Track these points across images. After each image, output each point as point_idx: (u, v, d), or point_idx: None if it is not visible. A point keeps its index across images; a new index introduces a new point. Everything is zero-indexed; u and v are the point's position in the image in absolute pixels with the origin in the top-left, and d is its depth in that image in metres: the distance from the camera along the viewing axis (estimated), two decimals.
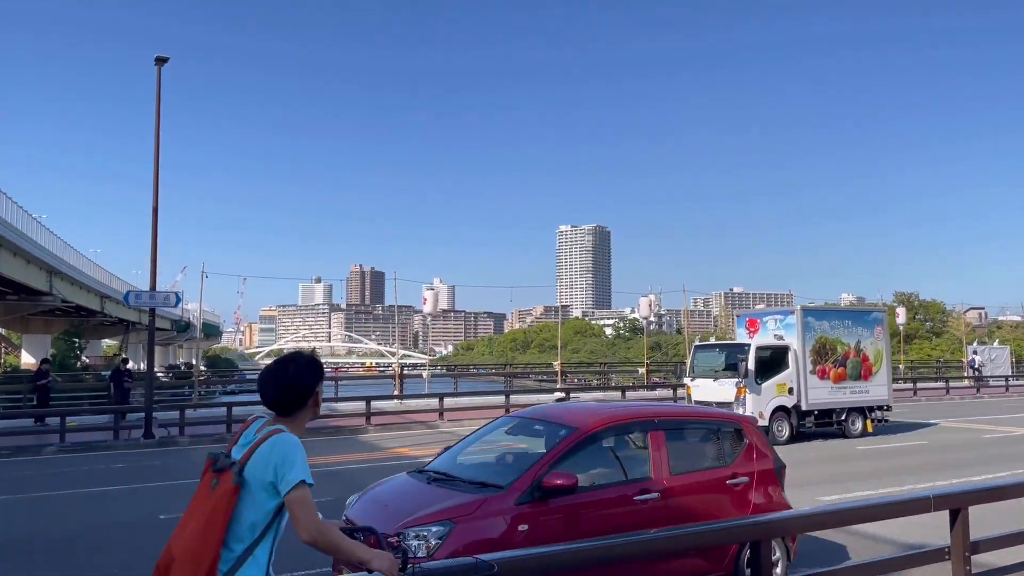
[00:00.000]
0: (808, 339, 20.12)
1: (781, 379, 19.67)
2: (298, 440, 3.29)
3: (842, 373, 20.52)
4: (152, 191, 21.55)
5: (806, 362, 19.93)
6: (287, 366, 3.48)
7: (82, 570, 8.43)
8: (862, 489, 12.77)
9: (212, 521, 3.15)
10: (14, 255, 37.79)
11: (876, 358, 21.23)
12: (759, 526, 6.02)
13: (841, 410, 20.46)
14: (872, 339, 21.26)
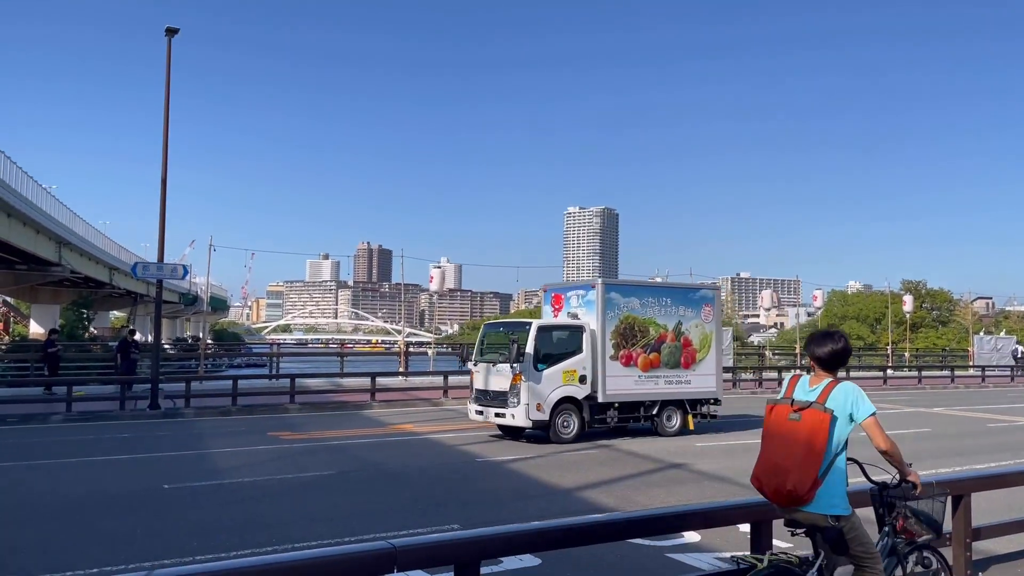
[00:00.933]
0: (610, 318, 16.77)
1: (570, 365, 16.36)
2: (856, 385, 4.79)
3: (654, 360, 17.14)
4: (161, 163, 21.56)
5: (606, 346, 16.59)
6: (838, 338, 4.85)
7: (88, 535, 8.51)
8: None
9: (815, 438, 4.55)
10: (24, 225, 37.89)
11: (702, 343, 17.82)
12: (761, 508, 6.02)
13: (652, 403, 17.19)
14: (698, 321, 17.83)
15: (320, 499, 10.59)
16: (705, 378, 17.90)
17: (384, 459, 13.85)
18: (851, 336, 70.79)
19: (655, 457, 14.09)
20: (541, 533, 5.43)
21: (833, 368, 4.89)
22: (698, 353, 17.78)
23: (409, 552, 4.50)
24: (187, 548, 8.02)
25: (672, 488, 11.43)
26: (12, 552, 7.84)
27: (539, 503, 10.27)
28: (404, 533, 8.49)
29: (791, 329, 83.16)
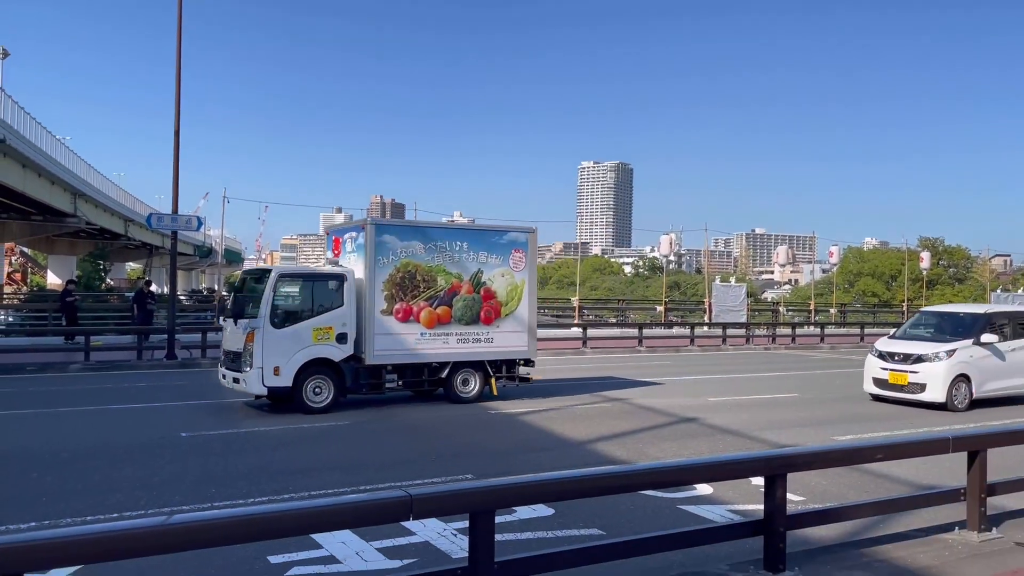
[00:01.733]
0: (383, 266, 14.16)
1: (324, 321, 13.76)
2: None
3: (444, 314, 14.62)
4: (174, 112, 21.46)
5: (376, 298, 14.04)
6: None
7: (107, 482, 8.64)
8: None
9: None
10: (39, 176, 37.93)
11: (510, 296, 15.27)
12: (776, 460, 6.03)
13: (441, 364, 14.73)
14: (505, 269, 15.23)
15: (335, 448, 10.71)
16: (513, 336, 15.38)
17: (399, 410, 13.96)
18: (866, 293, 70.79)
19: (664, 410, 14.13)
20: (555, 484, 5.47)
21: None
22: (504, 307, 15.20)
23: (424, 501, 4.54)
24: (205, 495, 8.14)
25: (685, 441, 11.48)
26: (34, 498, 7.98)
27: (552, 454, 10.35)
28: (418, 483, 8.58)
29: (806, 286, 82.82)
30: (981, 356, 15.10)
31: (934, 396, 14.66)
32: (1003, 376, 15.44)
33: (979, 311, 16.46)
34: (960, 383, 14.76)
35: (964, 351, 14.96)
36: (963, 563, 5.99)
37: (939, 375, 14.66)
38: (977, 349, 15.10)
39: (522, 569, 5.07)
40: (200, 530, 4.11)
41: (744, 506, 7.94)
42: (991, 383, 15.23)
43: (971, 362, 14.92)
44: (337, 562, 6.18)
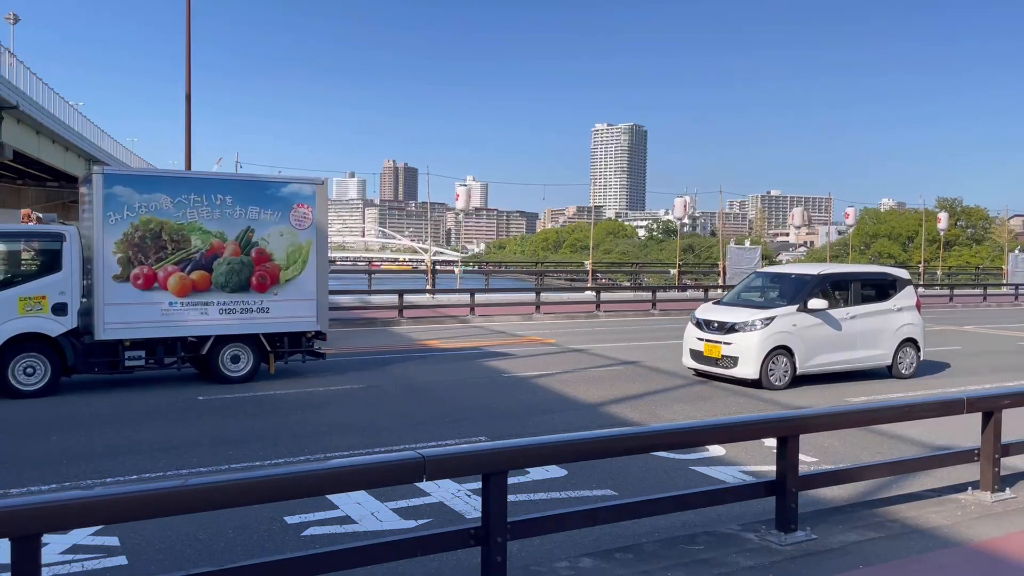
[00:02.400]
0: (114, 223, 12.04)
1: (33, 290, 11.74)
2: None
3: (201, 280, 12.58)
4: (185, 78, 21.40)
5: (106, 262, 12.02)
6: None
7: (126, 445, 8.77)
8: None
9: None
10: (53, 142, 38.03)
11: (292, 258, 13.19)
12: (788, 422, 6.04)
13: (199, 339, 12.70)
14: (285, 228, 13.10)
15: (351, 411, 10.80)
16: (296, 304, 13.24)
17: (412, 373, 14.05)
18: (882, 255, 70.33)
19: (677, 373, 14.15)
20: (567, 445, 5.51)
21: None
22: (283, 271, 13.11)
23: (438, 462, 4.59)
24: (222, 457, 8.25)
25: (697, 403, 11.51)
26: (55, 460, 8.12)
27: (564, 416, 10.41)
28: (432, 444, 8.66)
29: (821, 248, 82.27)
30: (808, 325, 12.86)
31: (746, 371, 12.50)
32: (837, 348, 13.18)
33: (810, 272, 13.97)
34: (779, 356, 12.55)
35: (785, 319, 12.73)
36: (976, 523, 6.01)
37: (751, 347, 12.46)
38: (803, 317, 12.86)
39: (535, 529, 5.13)
40: (218, 492, 4.18)
41: (756, 467, 7.98)
42: (821, 356, 13.01)
43: (794, 332, 12.70)
44: (352, 522, 6.27)
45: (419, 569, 5.31)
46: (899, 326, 13.79)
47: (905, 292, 14.09)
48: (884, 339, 13.65)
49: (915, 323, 14.05)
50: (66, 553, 5.56)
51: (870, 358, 13.58)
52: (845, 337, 13.26)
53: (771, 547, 5.47)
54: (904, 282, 14.26)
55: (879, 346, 13.61)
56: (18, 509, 3.77)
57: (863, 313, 13.52)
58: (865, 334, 13.48)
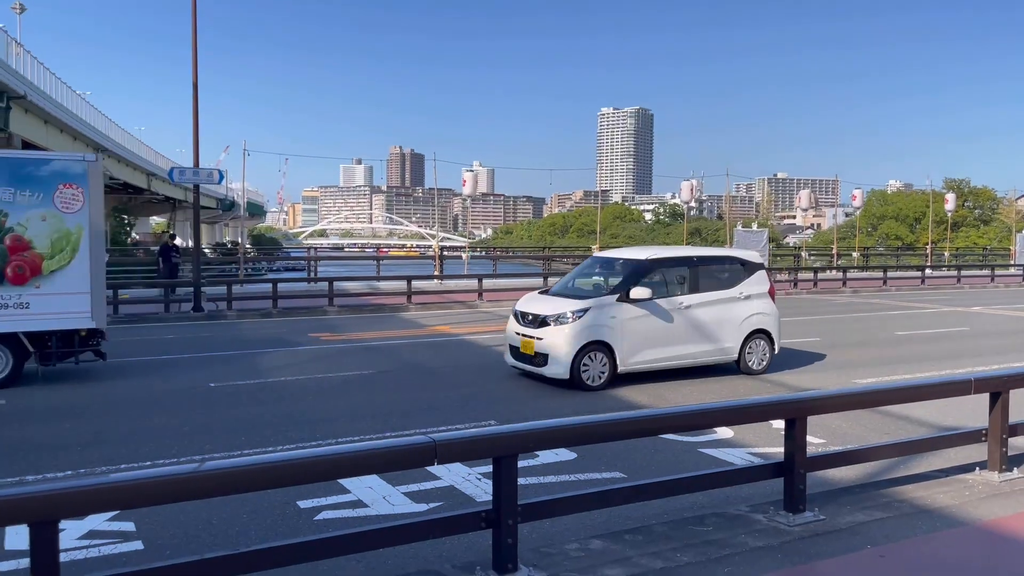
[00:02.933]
0: None
1: None
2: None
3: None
4: (192, 66, 21.37)
5: None
6: None
7: (139, 430, 8.85)
8: None
9: None
10: (60, 131, 38.10)
11: (58, 245, 11.56)
12: (796, 403, 6.07)
13: None
14: (48, 211, 11.47)
15: (361, 396, 10.87)
16: (65, 299, 11.61)
17: (421, 359, 14.11)
18: (889, 236, 70.04)
19: None
20: (577, 428, 5.55)
21: None
22: (47, 261, 11.48)
23: (449, 446, 4.64)
24: (235, 443, 8.33)
25: (705, 386, 11.54)
26: (69, 447, 8.20)
27: (573, 400, 10.45)
28: (443, 428, 8.72)
29: (828, 230, 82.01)
30: (632, 317, 11.33)
31: (555, 370, 11.05)
32: (669, 342, 11.68)
33: (637, 257, 12.37)
34: (595, 353, 11.09)
35: (602, 311, 11.23)
36: (983, 503, 6.04)
37: (561, 343, 11.01)
38: (625, 308, 11.31)
39: (545, 512, 5.18)
40: (231, 477, 4.24)
41: (765, 449, 8.02)
42: (649, 351, 11.53)
43: (613, 325, 11.21)
44: (364, 506, 6.34)
45: (431, 552, 5.37)
46: (747, 316, 12.31)
47: (755, 278, 12.58)
48: (728, 331, 12.15)
49: (767, 312, 12.58)
50: (83, 539, 5.64)
51: (712, 352, 12.12)
52: (679, 329, 11.76)
53: (780, 528, 5.51)
54: (754, 267, 12.72)
55: (723, 339, 12.12)
56: (35, 495, 3.84)
57: (702, 302, 11.99)
58: (705, 325, 11.98)
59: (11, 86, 28.82)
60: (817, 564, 4.98)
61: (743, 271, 12.58)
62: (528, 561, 4.84)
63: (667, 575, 4.79)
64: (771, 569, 4.88)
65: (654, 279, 11.87)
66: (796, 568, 4.92)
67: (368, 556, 5.19)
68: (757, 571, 4.85)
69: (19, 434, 8.73)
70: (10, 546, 5.46)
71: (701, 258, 12.64)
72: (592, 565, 4.87)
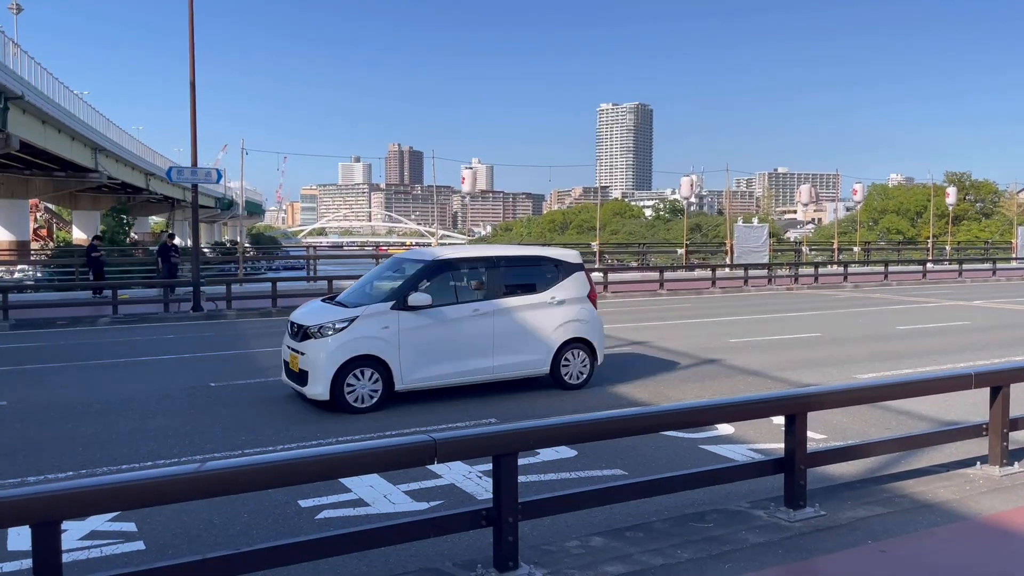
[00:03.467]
0: None
1: None
2: None
3: None
4: (189, 64, 21.36)
5: None
6: None
7: (140, 430, 8.85)
8: None
9: None
10: (59, 132, 38.09)
11: None
12: (797, 399, 6.07)
13: None
14: None
15: None
16: None
17: None
18: (891, 231, 70.00)
19: (685, 352, 14.19)
20: (577, 426, 5.55)
21: None
22: None
23: (449, 444, 4.64)
24: (235, 442, 8.33)
25: (705, 383, 11.54)
26: (70, 447, 8.21)
27: (573, 397, 10.46)
28: (443, 427, 8.73)
29: (829, 224, 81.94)
30: (412, 327, 9.91)
31: (315, 390, 9.63)
32: (461, 354, 10.25)
33: (422, 257, 11.03)
34: (363, 370, 9.69)
35: (372, 320, 9.81)
36: (984, 497, 6.05)
37: (320, 359, 9.61)
38: (404, 317, 9.90)
39: (546, 509, 5.18)
40: (232, 477, 4.24)
41: (765, 445, 8.02)
42: (435, 366, 10.11)
43: (386, 337, 9.77)
44: (365, 505, 6.34)
45: (432, 550, 5.38)
46: (561, 323, 10.89)
47: (572, 281, 11.17)
48: (538, 340, 10.76)
49: (585, 319, 11.12)
50: (84, 539, 5.64)
51: (517, 365, 10.69)
52: (475, 340, 10.36)
53: (780, 524, 5.51)
54: (571, 267, 11.30)
55: (530, 349, 10.74)
56: (37, 496, 3.84)
57: (503, 309, 10.58)
58: (507, 335, 10.58)
59: (8, 87, 28.81)
60: (818, 560, 4.99)
61: (557, 273, 11.16)
62: (529, 559, 4.85)
63: (668, 572, 4.79)
64: (772, 565, 4.89)
65: (443, 283, 10.47)
66: (797, 564, 4.92)
67: (369, 555, 5.20)
68: (758, 567, 4.85)
69: (21, 435, 8.74)
70: (13, 547, 5.47)
71: (503, 258, 11.17)
72: (593, 562, 4.88)
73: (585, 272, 11.54)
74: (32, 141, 34.38)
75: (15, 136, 31.36)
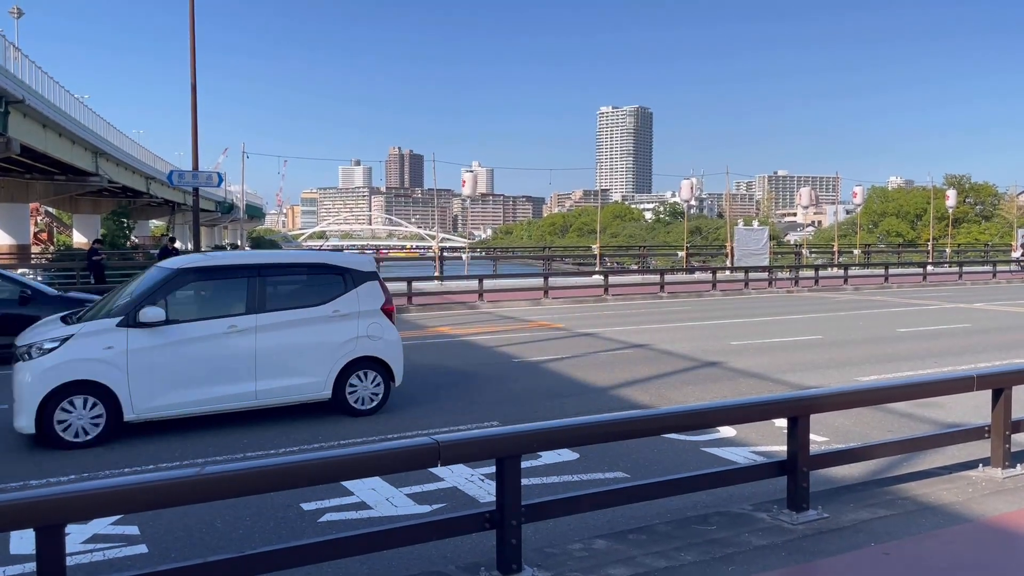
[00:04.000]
0: None
1: None
2: None
3: None
4: (190, 69, 21.40)
5: None
6: None
7: (142, 433, 8.84)
8: None
9: None
10: (59, 135, 38.09)
11: None
12: (799, 402, 6.07)
13: None
14: None
15: None
16: None
17: (422, 360, 14.10)
18: (891, 233, 70.03)
19: (687, 355, 14.19)
20: (579, 428, 5.55)
21: None
22: None
23: (452, 447, 4.65)
24: (238, 445, 8.33)
25: (707, 385, 11.54)
26: (70, 450, 8.19)
27: (576, 400, 10.46)
28: (445, 430, 8.73)
29: (829, 227, 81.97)
30: (146, 347, 8.49)
31: (20, 423, 8.18)
32: (210, 379, 8.79)
33: (170, 265, 9.31)
34: (81, 398, 8.23)
35: (93, 340, 8.40)
36: (987, 499, 6.04)
37: (25, 386, 8.19)
38: (133, 335, 8.46)
39: (549, 512, 5.18)
40: (234, 480, 4.24)
41: (767, 447, 8.02)
42: (177, 393, 8.66)
43: (113, 359, 8.36)
44: (368, 508, 6.34)
45: (435, 553, 5.38)
46: (346, 340, 9.48)
47: (362, 292, 9.72)
48: (314, 360, 9.34)
49: (378, 335, 9.72)
50: (87, 543, 5.64)
51: (287, 389, 9.22)
52: (229, 361, 8.91)
53: (783, 526, 5.51)
54: (361, 276, 9.81)
55: (304, 371, 9.30)
56: (41, 499, 3.84)
57: (266, 325, 9.08)
58: (273, 355, 9.12)
59: (9, 90, 28.81)
60: (821, 562, 4.98)
61: (343, 282, 9.65)
62: (532, 561, 4.85)
63: (671, 574, 4.79)
64: (775, 567, 4.89)
65: (189, 295, 9.26)
66: (800, 566, 4.92)
67: (372, 558, 5.19)
68: (761, 569, 4.85)
69: (20, 438, 8.73)
70: (15, 550, 5.47)
71: (271, 266, 9.70)
72: (596, 565, 4.88)
73: (379, 281, 10.01)
74: (33, 145, 34.38)
75: (16, 140, 31.36)
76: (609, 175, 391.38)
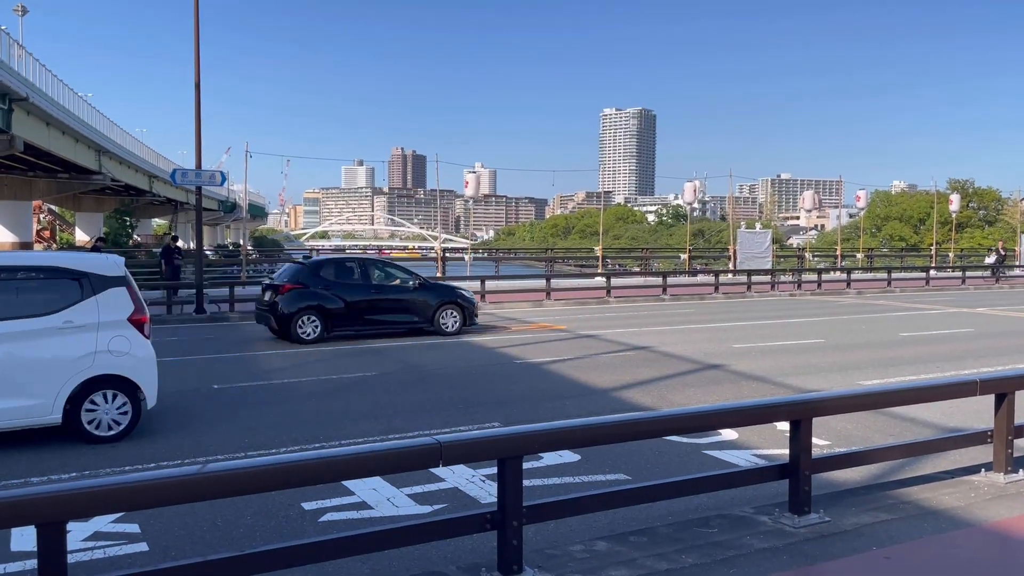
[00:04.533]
0: None
1: None
2: None
3: None
4: (194, 68, 21.40)
5: None
6: None
7: (142, 432, 8.84)
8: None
9: None
10: (63, 133, 38.16)
11: None
12: (801, 405, 6.06)
13: None
14: None
15: (364, 398, 10.87)
16: None
17: (425, 361, 14.11)
18: (894, 238, 69.97)
19: (689, 358, 14.17)
20: (581, 430, 5.54)
21: None
22: None
23: (453, 448, 4.64)
24: (238, 445, 8.33)
25: (709, 388, 11.52)
26: (70, 449, 8.19)
27: (577, 402, 10.45)
28: (447, 430, 8.72)
29: (832, 231, 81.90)
30: None
31: None
32: None
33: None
34: None
35: None
36: (989, 504, 6.02)
37: None
38: None
39: (551, 513, 5.18)
40: (235, 479, 4.23)
41: (769, 451, 8.00)
42: None
43: None
44: (369, 508, 6.33)
45: (436, 553, 5.37)
46: (81, 355, 8.15)
47: (104, 299, 8.38)
48: (37, 379, 8.02)
49: (123, 349, 8.40)
50: (88, 540, 5.64)
51: (2, 413, 7.88)
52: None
53: (785, 529, 5.50)
54: (103, 281, 8.43)
55: (24, 392, 7.96)
56: (42, 496, 3.84)
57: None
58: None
59: (13, 88, 28.86)
60: (822, 566, 4.97)
61: (78, 289, 8.29)
62: (533, 563, 4.84)
63: None
64: (776, 570, 4.87)
65: None
66: (801, 570, 4.91)
67: (373, 558, 5.19)
68: (762, 572, 4.83)
69: (23, 436, 8.73)
70: (16, 547, 5.47)
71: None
72: (597, 566, 4.86)
73: (129, 288, 8.64)
74: (36, 143, 34.44)
75: (19, 137, 31.42)
76: (612, 177, 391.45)
